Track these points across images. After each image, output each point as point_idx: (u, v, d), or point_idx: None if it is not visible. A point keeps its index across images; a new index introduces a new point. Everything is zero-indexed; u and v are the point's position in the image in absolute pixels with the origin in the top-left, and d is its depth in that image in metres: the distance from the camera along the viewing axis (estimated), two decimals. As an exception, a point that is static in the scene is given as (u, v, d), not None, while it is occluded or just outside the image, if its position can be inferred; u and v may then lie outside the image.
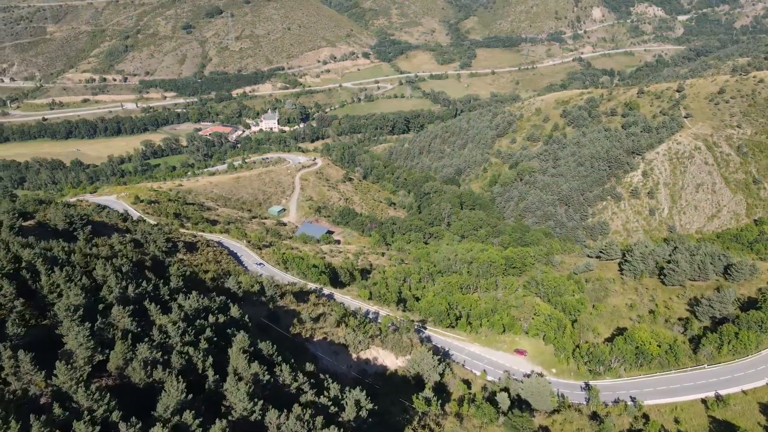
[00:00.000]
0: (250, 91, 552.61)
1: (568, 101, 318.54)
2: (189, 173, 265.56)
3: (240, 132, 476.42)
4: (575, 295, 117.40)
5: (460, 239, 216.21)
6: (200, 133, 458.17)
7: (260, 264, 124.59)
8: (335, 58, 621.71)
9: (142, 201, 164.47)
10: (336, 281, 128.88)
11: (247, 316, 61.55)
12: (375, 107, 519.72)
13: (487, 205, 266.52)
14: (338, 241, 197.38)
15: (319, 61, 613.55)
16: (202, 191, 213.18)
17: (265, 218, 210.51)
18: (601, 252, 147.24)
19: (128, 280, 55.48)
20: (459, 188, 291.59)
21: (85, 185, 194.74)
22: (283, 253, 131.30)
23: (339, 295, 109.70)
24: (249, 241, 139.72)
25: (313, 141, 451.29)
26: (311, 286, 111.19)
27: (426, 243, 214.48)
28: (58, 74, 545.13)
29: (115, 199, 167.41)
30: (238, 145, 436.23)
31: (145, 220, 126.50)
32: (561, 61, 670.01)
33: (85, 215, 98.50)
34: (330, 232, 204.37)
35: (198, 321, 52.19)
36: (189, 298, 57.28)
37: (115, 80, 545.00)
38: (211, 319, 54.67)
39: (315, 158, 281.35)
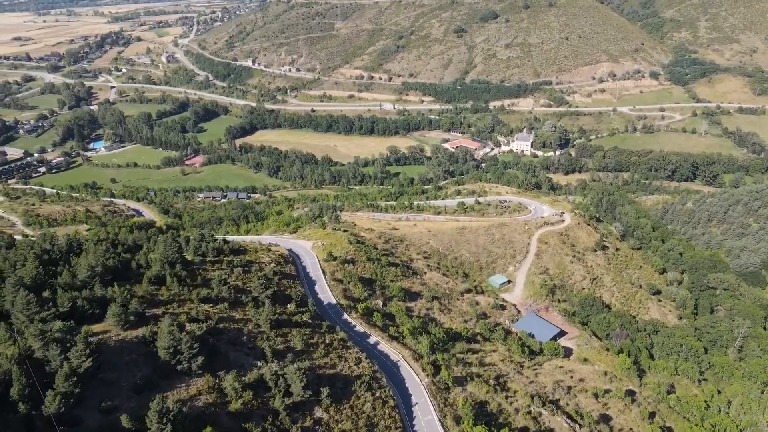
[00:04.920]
0: (509, 105, 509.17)
1: None
2: (415, 202, 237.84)
3: (488, 149, 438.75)
4: None
5: (763, 388, 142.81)
6: (446, 144, 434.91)
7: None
8: (615, 75, 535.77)
9: (335, 259, 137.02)
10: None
11: None
12: (653, 141, 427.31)
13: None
14: (569, 352, 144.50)
15: (594, 78, 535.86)
16: (416, 242, 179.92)
17: (482, 291, 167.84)
18: None
19: None
20: (765, 291, 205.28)
21: (289, 220, 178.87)
22: (474, 414, 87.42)
23: None
24: (434, 370, 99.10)
25: (567, 173, 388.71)
26: None
27: (702, 379, 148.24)
28: (334, 69, 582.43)
29: (310, 249, 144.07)
30: (483, 165, 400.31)
31: (300, 328, 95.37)
32: None
33: (196, 341, 69.26)
34: (561, 334, 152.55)
35: None
36: None
37: (380, 79, 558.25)
38: None
39: (562, 212, 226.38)
